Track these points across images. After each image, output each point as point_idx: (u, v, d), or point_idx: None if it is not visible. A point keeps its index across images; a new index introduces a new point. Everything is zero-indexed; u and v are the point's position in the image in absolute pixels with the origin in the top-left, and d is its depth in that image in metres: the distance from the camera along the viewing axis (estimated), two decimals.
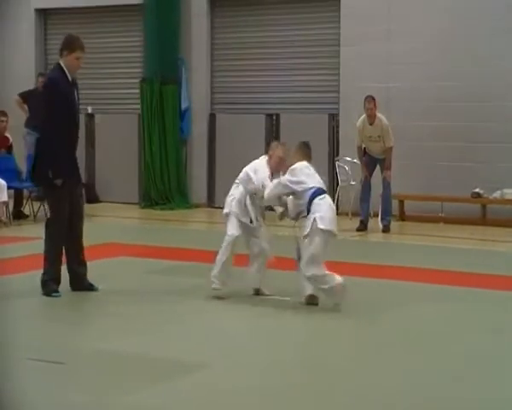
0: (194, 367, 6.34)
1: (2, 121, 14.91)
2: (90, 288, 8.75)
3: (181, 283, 9.03)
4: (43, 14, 18.47)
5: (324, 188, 8.30)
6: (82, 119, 17.71)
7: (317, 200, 8.07)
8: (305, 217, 8.13)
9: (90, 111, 17.85)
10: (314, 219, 7.99)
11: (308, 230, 8.05)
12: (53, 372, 6.23)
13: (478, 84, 14.44)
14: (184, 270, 9.98)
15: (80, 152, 17.25)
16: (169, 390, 5.88)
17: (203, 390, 5.90)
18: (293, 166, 8.25)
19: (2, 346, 6.75)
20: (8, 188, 13.95)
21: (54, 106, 8.57)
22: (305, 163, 8.31)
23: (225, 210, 8.66)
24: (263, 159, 8.71)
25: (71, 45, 8.68)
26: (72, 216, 8.73)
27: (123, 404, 5.58)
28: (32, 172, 8.96)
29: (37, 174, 8.79)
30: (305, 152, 8.46)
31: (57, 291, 8.57)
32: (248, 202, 8.53)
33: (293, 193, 8.24)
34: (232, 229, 8.51)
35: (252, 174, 8.50)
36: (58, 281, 8.64)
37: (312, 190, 8.10)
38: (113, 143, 17.37)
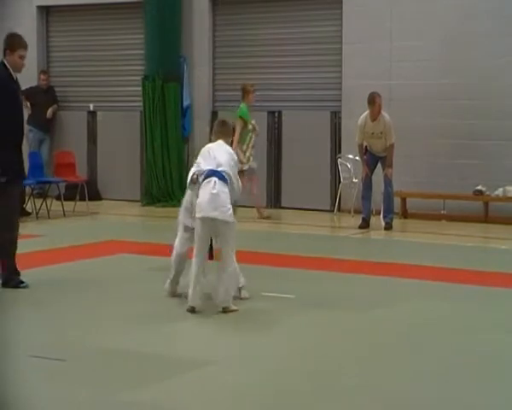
0: (200, 364, 6.33)
1: None
2: (22, 284, 8.81)
3: (182, 280, 9.00)
4: (45, 11, 18.47)
5: (220, 168, 7.87)
6: (84, 116, 17.95)
7: (202, 184, 7.84)
8: None
9: (91, 108, 17.87)
10: (195, 206, 7.88)
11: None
12: (54, 370, 6.22)
13: (480, 81, 14.43)
14: (186, 267, 9.96)
15: (82, 149, 17.61)
16: (172, 387, 5.87)
17: (208, 387, 5.89)
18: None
19: (2, 343, 6.74)
20: None
21: None
22: (212, 144, 8.10)
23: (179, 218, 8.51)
24: None
25: (13, 44, 8.75)
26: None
27: (126, 401, 5.57)
28: None
29: None
30: (216, 130, 8.27)
31: (23, 282, 8.76)
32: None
33: None
34: (178, 245, 8.38)
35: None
36: (18, 273, 8.80)
37: (204, 174, 7.87)
38: (115, 141, 17.38)
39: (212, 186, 7.79)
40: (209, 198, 7.76)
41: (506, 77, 14.34)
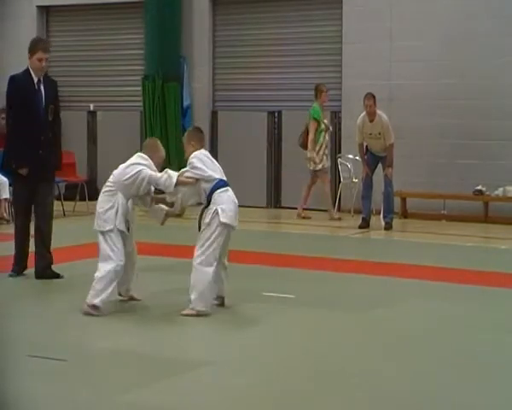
0: (199, 364, 6.32)
1: (4, 118, 14.87)
2: (57, 276, 9.22)
3: (180, 280, 9.00)
4: (45, 11, 18.47)
5: (224, 178, 7.97)
6: (84, 116, 17.94)
7: (218, 192, 7.81)
8: (205, 208, 7.86)
9: (91, 108, 17.87)
10: (216, 211, 7.73)
11: (208, 220, 7.78)
12: (54, 370, 6.22)
13: (480, 81, 14.43)
14: (184, 267, 9.96)
15: (82, 149, 17.59)
16: (172, 388, 5.86)
17: (208, 387, 5.88)
18: (193, 155, 7.92)
19: (2, 343, 6.73)
20: (10, 185, 13.91)
21: (12, 102, 9.13)
22: (205, 152, 8.05)
23: (108, 226, 7.87)
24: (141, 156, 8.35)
25: (32, 47, 9.10)
26: (37, 214, 9.20)
27: (126, 401, 5.56)
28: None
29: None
30: (200, 137, 8.15)
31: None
32: (130, 207, 8.11)
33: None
34: (119, 255, 7.89)
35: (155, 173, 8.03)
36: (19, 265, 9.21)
37: (215, 182, 7.84)
38: (115, 141, 17.36)
39: (232, 196, 7.89)
40: (235, 209, 7.87)
41: (506, 77, 14.34)
